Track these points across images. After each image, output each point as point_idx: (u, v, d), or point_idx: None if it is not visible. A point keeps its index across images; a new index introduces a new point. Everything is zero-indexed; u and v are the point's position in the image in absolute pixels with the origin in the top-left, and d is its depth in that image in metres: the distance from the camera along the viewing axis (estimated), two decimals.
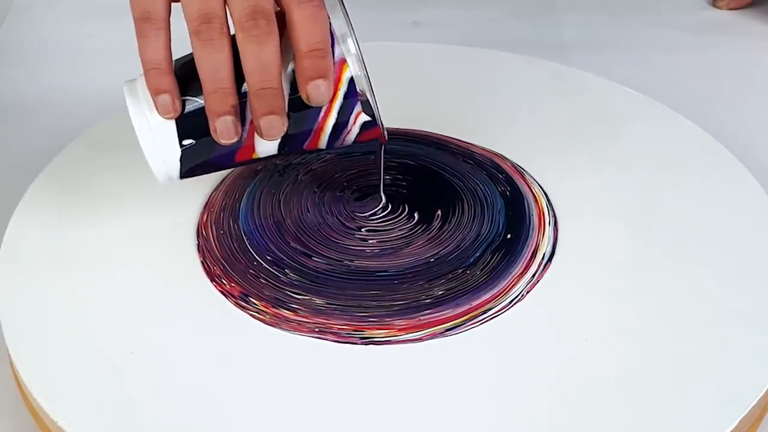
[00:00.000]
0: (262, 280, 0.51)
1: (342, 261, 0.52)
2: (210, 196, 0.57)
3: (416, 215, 0.55)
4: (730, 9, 0.82)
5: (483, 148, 0.60)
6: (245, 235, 0.54)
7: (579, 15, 0.82)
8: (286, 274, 0.51)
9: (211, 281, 0.51)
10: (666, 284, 0.50)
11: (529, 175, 0.57)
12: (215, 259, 0.52)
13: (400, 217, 0.55)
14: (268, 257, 0.53)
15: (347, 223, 0.54)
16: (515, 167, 0.58)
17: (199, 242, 0.54)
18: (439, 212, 0.55)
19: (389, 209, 0.55)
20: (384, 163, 0.55)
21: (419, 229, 0.54)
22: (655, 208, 0.55)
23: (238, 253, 0.53)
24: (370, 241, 0.53)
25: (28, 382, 0.46)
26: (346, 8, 0.48)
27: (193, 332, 0.48)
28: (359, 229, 0.54)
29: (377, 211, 0.55)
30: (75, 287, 0.51)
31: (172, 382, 0.46)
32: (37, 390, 0.45)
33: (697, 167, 0.58)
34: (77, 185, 0.57)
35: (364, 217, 0.55)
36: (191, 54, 0.47)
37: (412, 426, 0.44)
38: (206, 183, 0.57)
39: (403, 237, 0.53)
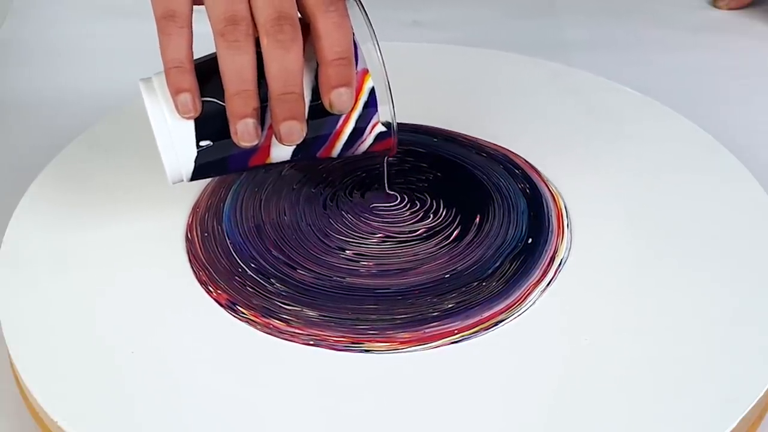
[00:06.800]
0: (249, 289, 0.50)
1: (331, 277, 0.51)
2: (199, 195, 0.56)
3: (455, 233, 0.53)
4: (730, 9, 0.82)
5: (492, 143, 0.60)
6: (228, 240, 0.53)
7: (579, 15, 0.82)
8: (272, 284, 0.51)
9: (200, 285, 0.51)
10: (666, 284, 0.50)
11: (542, 172, 0.57)
12: (201, 264, 0.52)
13: (439, 237, 0.53)
14: (252, 265, 0.52)
15: (325, 241, 0.54)
16: (528, 163, 0.58)
17: (186, 245, 0.53)
18: (477, 219, 0.54)
19: (439, 217, 0.54)
20: (387, 165, 0.55)
21: (446, 248, 0.52)
22: (655, 208, 0.55)
23: (222, 258, 0.52)
24: (363, 263, 0.52)
25: (28, 382, 0.46)
26: (369, 17, 0.48)
27: (194, 333, 0.48)
28: (342, 249, 0.53)
29: (429, 222, 0.54)
30: (75, 287, 0.51)
31: (172, 382, 0.46)
32: (37, 390, 0.45)
33: (697, 167, 0.58)
34: (77, 185, 0.57)
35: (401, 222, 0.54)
36: (208, 55, 0.47)
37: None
38: (206, 181, 0.57)
39: (418, 259, 0.52)
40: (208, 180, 0.57)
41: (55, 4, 0.85)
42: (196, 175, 0.49)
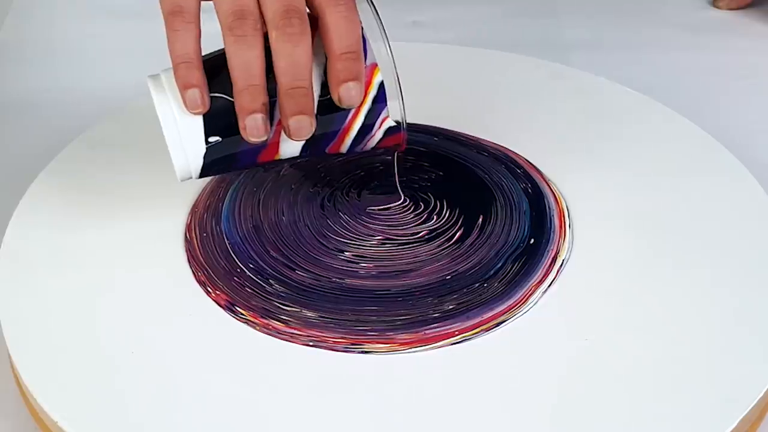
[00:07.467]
0: (248, 289, 0.50)
1: (331, 278, 0.51)
2: (197, 195, 0.56)
3: (457, 234, 0.53)
4: (730, 9, 0.82)
5: (493, 143, 0.60)
6: (227, 240, 0.53)
7: (579, 15, 0.82)
8: (271, 285, 0.50)
9: (199, 285, 0.51)
10: (665, 284, 0.50)
11: (543, 172, 0.57)
12: (200, 264, 0.52)
13: (442, 239, 0.53)
14: (251, 265, 0.52)
15: (324, 243, 0.54)
16: (529, 163, 0.58)
17: (185, 246, 0.53)
18: (480, 220, 0.54)
19: (443, 218, 0.54)
20: (398, 163, 0.55)
21: (447, 250, 0.52)
22: (655, 208, 0.55)
23: (221, 259, 0.52)
24: (363, 264, 0.52)
25: (28, 382, 0.46)
26: (378, 12, 0.48)
27: (193, 333, 0.48)
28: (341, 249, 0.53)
29: (433, 224, 0.54)
30: (75, 287, 0.51)
31: (172, 382, 0.46)
32: (37, 390, 0.45)
33: (697, 167, 0.58)
34: (77, 185, 0.57)
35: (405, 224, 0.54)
36: (216, 51, 0.47)
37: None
38: (205, 181, 0.57)
39: (419, 260, 0.52)
40: (207, 180, 0.57)
41: (55, 4, 0.85)
42: (204, 172, 0.49)
